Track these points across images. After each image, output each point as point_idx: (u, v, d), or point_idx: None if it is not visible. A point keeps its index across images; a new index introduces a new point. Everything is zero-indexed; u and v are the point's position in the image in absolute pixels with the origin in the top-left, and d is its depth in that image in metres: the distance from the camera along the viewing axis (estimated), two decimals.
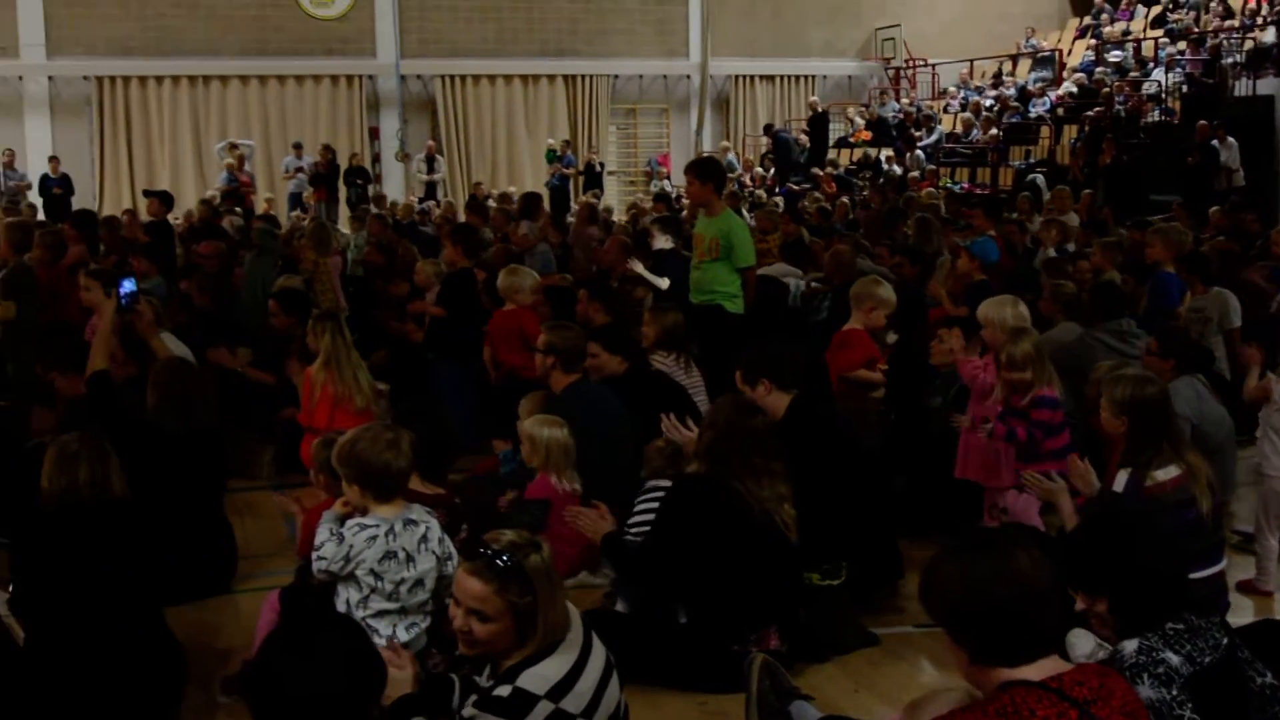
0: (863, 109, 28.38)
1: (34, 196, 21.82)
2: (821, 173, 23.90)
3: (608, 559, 5.64)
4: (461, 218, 16.91)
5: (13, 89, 25.40)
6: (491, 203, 18.15)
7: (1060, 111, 23.27)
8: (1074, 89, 23.62)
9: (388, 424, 4.63)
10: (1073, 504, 5.17)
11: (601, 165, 26.67)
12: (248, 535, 6.97)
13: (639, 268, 9.99)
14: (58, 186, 22.62)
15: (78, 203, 21.84)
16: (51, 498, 5.03)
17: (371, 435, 4.47)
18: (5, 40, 25.11)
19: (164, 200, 14.21)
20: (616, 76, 28.91)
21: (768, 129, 27.30)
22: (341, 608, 4.40)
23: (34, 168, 23.87)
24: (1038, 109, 23.77)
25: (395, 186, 27.15)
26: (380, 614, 4.37)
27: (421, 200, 23.13)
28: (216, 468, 6.56)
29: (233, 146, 23.41)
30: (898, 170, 23.09)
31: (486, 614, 3.45)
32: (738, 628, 4.99)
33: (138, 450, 5.80)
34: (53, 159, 23.52)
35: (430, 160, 25.71)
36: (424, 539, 4.45)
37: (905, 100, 28.23)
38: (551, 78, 28.48)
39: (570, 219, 16.24)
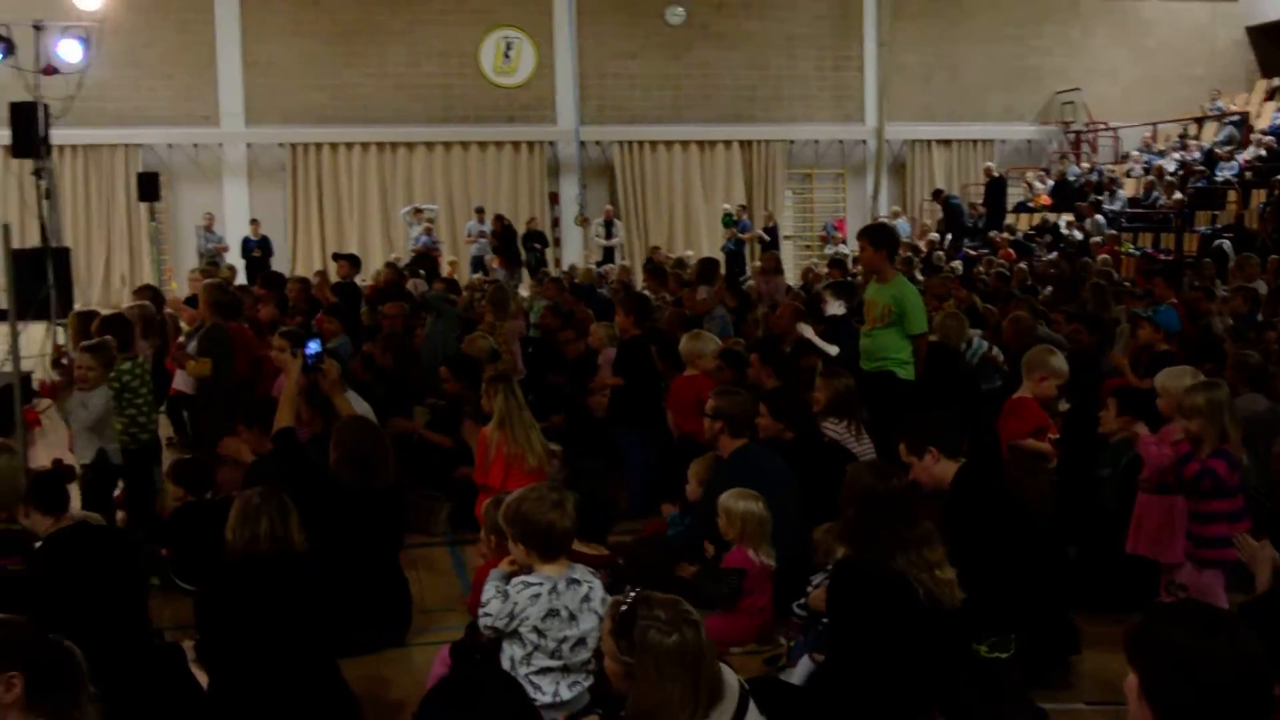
0: (1042, 173, 27.98)
1: (234, 258, 22.80)
2: (999, 237, 23.60)
3: None
4: (638, 281, 17.13)
5: (214, 155, 26.62)
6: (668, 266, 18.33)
7: (1248, 175, 22.60)
8: (1262, 152, 22.94)
9: (554, 485, 4.73)
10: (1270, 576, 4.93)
11: (773, 229, 26.68)
12: (423, 590, 7.13)
13: (810, 333, 10.00)
14: (258, 248, 23.63)
15: (274, 264, 22.72)
16: (235, 550, 5.24)
17: (537, 495, 4.58)
18: (207, 110, 26.36)
19: (352, 263, 14.77)
20: (793, 141, 29.02)
21: (937, 194, 27.09)
22: (506, 664, 4.50)
23: (231, 231, 25.00)
24: (1224, 173, 23.13)
25: (574, 250, 27.65)
26: (543, 671, 4.45)
27: (599, 264, 23.48)
28: (395, 523, 6.75)
29: (418, 211, 24.15)
30: (1078, 235, 22.67)
31: (606, 650, 3.55)
32: (903, 710, 4.90)
33: (319, 505, 6.00)
34: (254, 222, 24.62)
35: (608, 224, 26.10)
36: (586, 598, 4.52)
37: (1086, 164, 27.73)
38: (728, 143, 28.73)
39: (754, 266, 16.23)
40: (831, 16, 28.98)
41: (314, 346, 7.20)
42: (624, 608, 3.49)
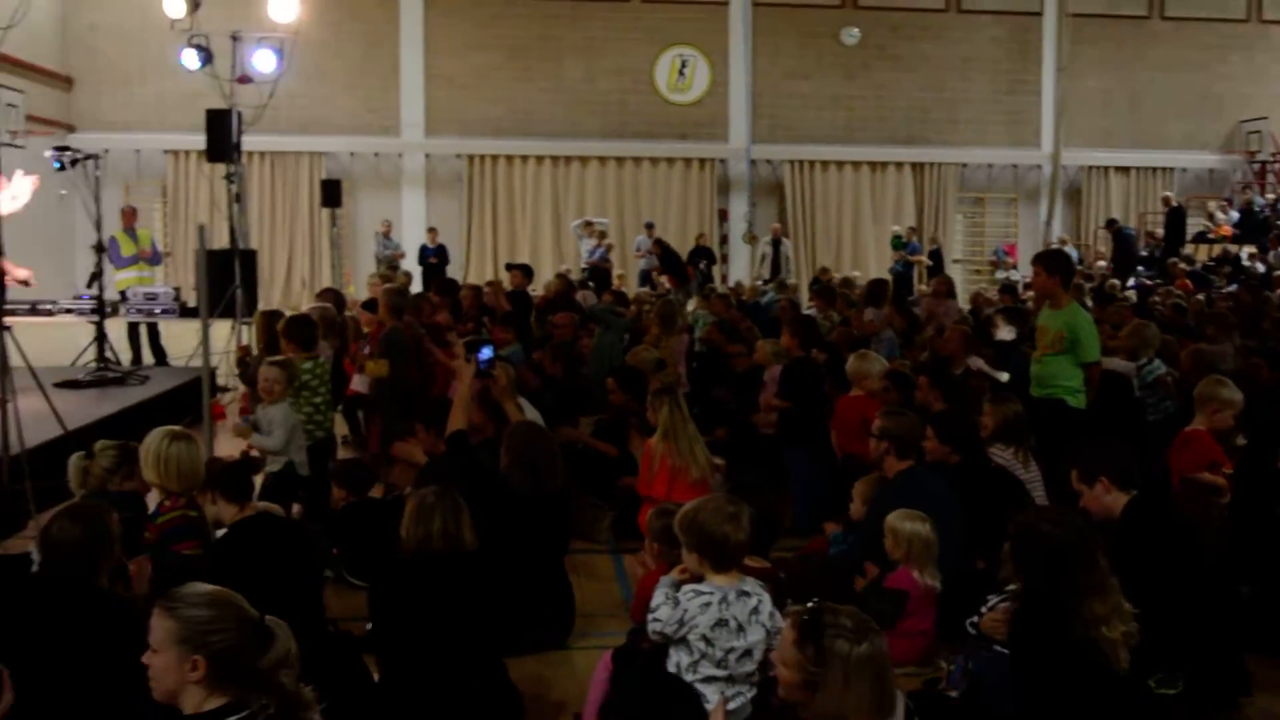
0: (1224, 203, 27.19)
1: (409, 264, 23.40)
2: (1176, 267, 23.00)
3: None
4: (804, 300, 17.11)
5: (393, 165, 27.34)
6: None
7: None
8: None
9: (730, 496, 4.80)
10: None
11: (937, 252, 26.38)
12: (584, 596, 7.25)
13: (979, 364, 9.93)
14: (434, 256, 24.24)
15: (448, 272, 23.26)
16: (408, 546, 5.42)
17: (714, 506, 4.65)
18: (389, 120, 27.10)
19: (525, 272, 15.07)
20: (965, 165, 28.71)
21: (1110, 224, 26.49)
22: (671, 670, 4.58)
23: (408, 238, 25.69)
24: None
25: (741, 267, 27.74)
26: (709, 680, 4.52)
27: (765, 282, 23.50)
28: (561, 528, 6.89)
29: (588, 224, 24.48)
30: (1260, 268, 21.98)
31: (786, 660, 3.55)
32: None
33: (489, 507, 6.16)
34: (431, 230, 25.26)
35: (776, 243, 26.11)
36: (755, 611, 4.58)
37: (1270, 195, 26.88)
38: (899, 165, 28.54)
39: (921, 289, 16.15)
40: (1009, 39, 28.62)
41: (487, 352, 7.38)
42: (807, 617, 3.53)
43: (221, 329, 13.52)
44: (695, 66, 28.01)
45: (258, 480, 7.17)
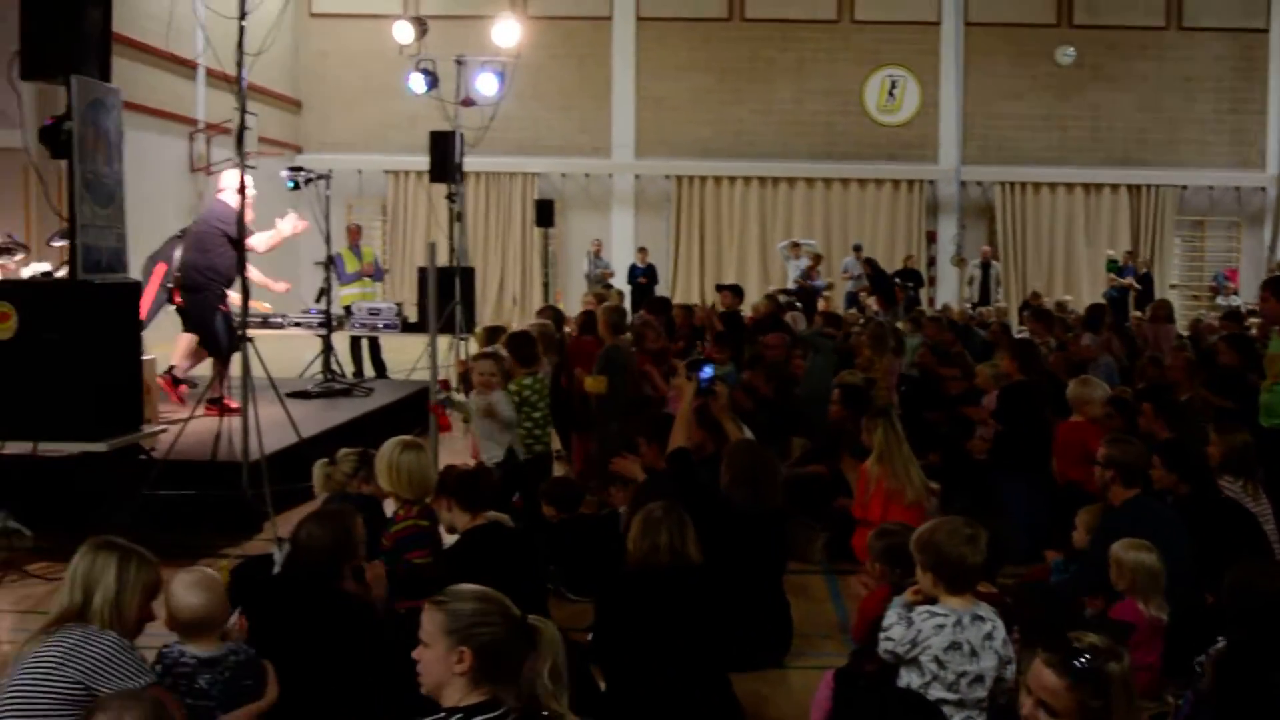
0: None
1: (618, 284, 23.74)
2: None
3: None
4: (1013, 323, 16.83)
5: (604, 185, 27.82)
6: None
7: None
8: None
9: (967, 519, 4.79)
10: None
11: (1147, 276, 25.57)
12: (799, 616, 7.26)
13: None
14: (643, 276, 24.55)
15: (656, 292, 23.54)
16: (635, 559, 5.55)
17: (951, 528, 4.65)
18: (600, 141, 27.59)
19: (736, 293, 15.19)
20: (1185, 187, 27.83)
21: None
22: None
23: (617, 257, 26.09)
24: None
25: (949, 290, 27.39)
26: (939, 703, 4.51)
27: (974, 305, 23.18)
28: (780, 547, 6.95)
29: (795, 245, 24.48)
30: None
31: (1055, 709, 3.47)
32: None
33: (710, 523, 6.25)
34: (641, 249, 25.62)
35: (985, 266, 25.71)
36: (989, 636, 4.55)
37: None
38: (1115, 187, 27.84)
39: (1135, 315, 15.77)
40: (1232, 57, 27.67)
41: (708, 371, 7.50)
42: (1080, 661, 3.45)
43: (440, 344, 13.90)
44: (905, 87, 27.82)
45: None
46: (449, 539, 6.17)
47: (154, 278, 12.68)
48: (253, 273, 10.65)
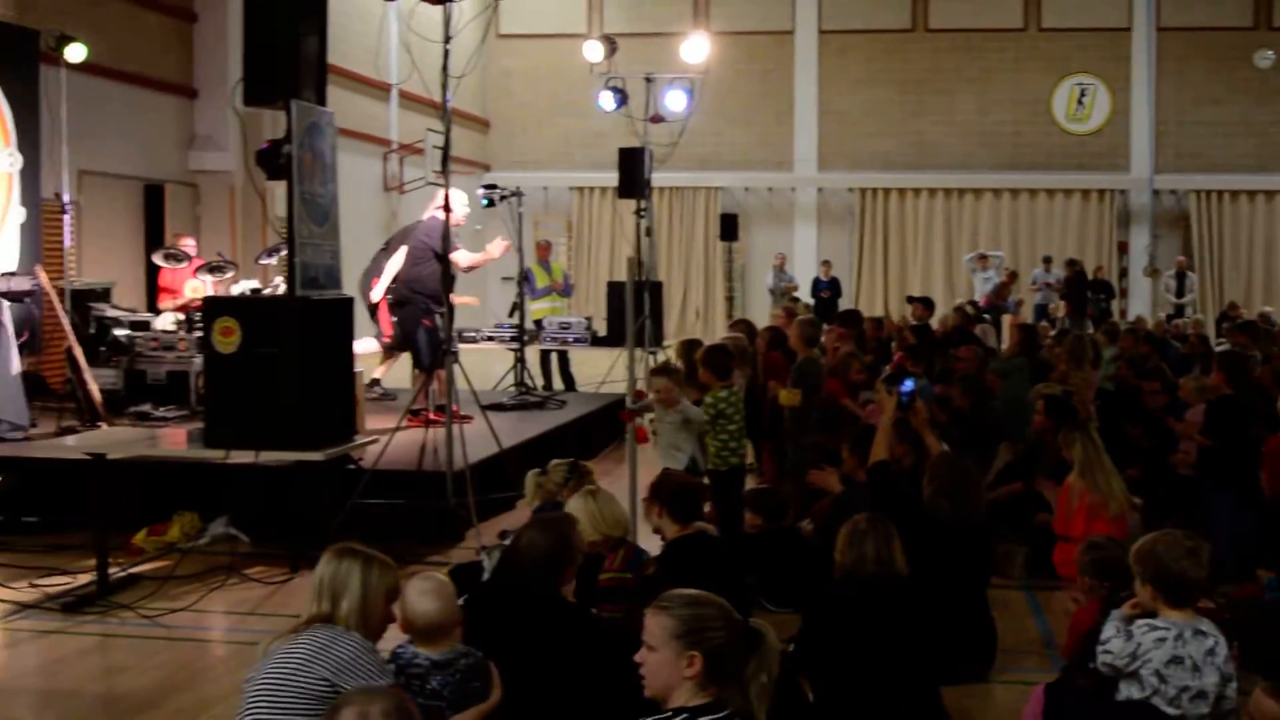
0: None
1: (801, 297, 23.70)
2: None
3: None
4: (1210, 335, 16.34)
5: (786, 199, 27.85)
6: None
7: None
8: None
9: (1189, 533, 4.72)
10: None
11: None
12: (1002, 630, 7.19)
13: None
14: (827, 289, 24.51)
15: (840, 306, 23.47)
16: (842, 569, 5.58)
17: (1172, 540, 4.59)
18: (782, 155, 27.64)
19: (926, 305, 15.09)
20: None
21: None
22: None
23: (800, 271, 26.05)
24: None
25: (1141, 302, 26.73)
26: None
27: (1169, 318, 22.57)
28: (983, 560, 6.90)
29: (982, 257, 24.15)
30: None
31: None
32: None
33: (913, 536, 6.24)
34: (825, 263, 25.60)
35: (1180, 277, 24.98)
36: (1211, 652, 4.47)
37: None
38: None
39: None
40: None
41: (909, 384, 7.47)
42: None
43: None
44: (1095, 95, 27.27)
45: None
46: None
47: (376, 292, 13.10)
48: None
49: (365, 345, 13.21)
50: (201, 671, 6.46)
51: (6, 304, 10.60)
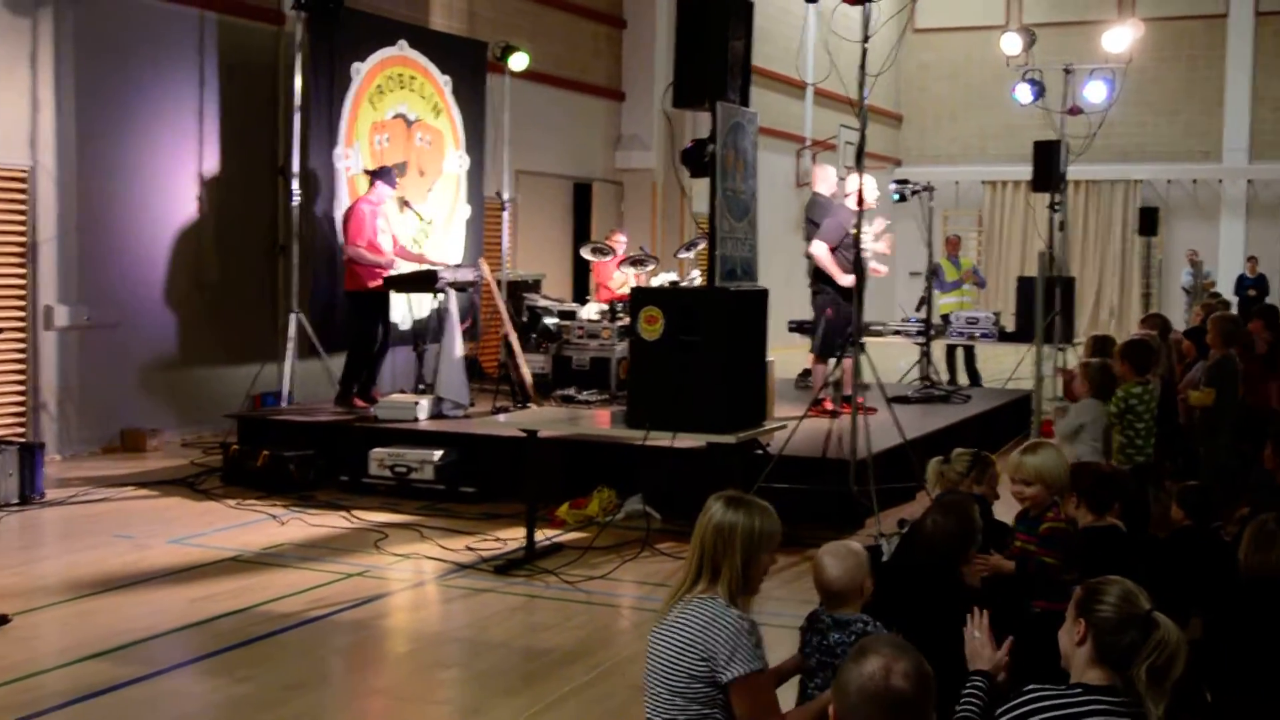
0: None
1: (1224, 294, 22.62)
2: None
3: None
4: None
5: (1211, 191, 26.51)
6: None
7: None
8: None
9: None
10: None
11: None
12: None
13: None
14: (1253, 287, 23.24)
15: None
16: (1246, 571, 5.49)
17: None
18: (1208, 146, 26.33)
19: None
20: None
21: None
22: None
23: (1224, 267, 24.85)
24: None
25: None
26: None
27: None
28: None
29: None
30: None
31: None
32: None
33: None
34: (1250, 259, 24.25)
35: None
36: None
37: None
38: None
39: None
40: None
41: None
42: None
43: (1044, 354, 13.92)
44: None
45: None
46: None
47: None
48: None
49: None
50: (615, 635, 6.97)
51: (454, 293, 11.59)
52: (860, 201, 10.01)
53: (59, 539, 8.94)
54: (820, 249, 11.57)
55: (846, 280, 11.11)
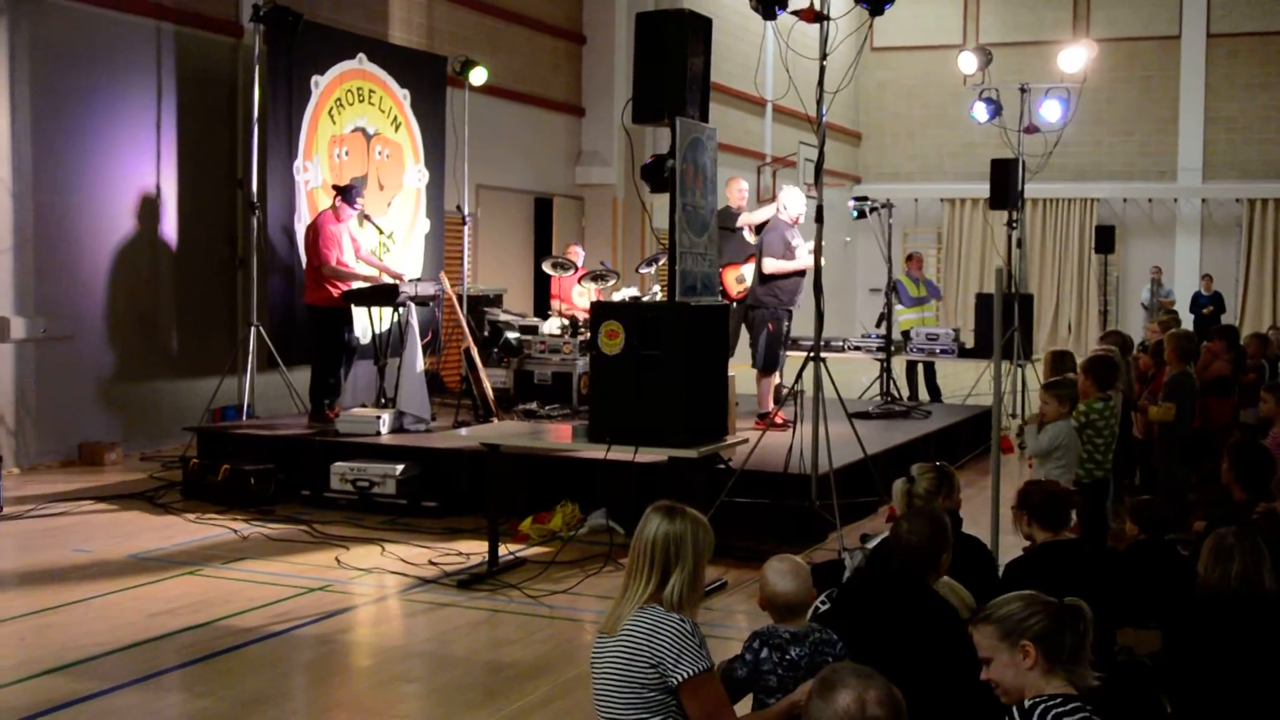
0: None
1: (1179, 311, 22.86)
2: None
3: None
4: None
5: (1167, 210, 26.81)
6: None
7: None
8: None
9: None
10: None
11: None
12: None
13: None
14: (1208, 305, 23.49)
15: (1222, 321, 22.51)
16: (1205, 585, 5.52)
17: None
18: (1164, 165, 26.64)
19: None
20: None
21: None
22: None
23: (1179, 285, 25.10)
24: None
25: None
26: None
27: None
28: None
29: None
30: None
31: None
32: None
33: None
34: (1205, 277, 24.53)
35: None
36: None
37: None
38: None
39: None
40: None
41: None
42: None
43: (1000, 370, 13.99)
44: None
45: None
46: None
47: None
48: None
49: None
50: (578, 649, 6.91)
51: (415, 307, 11.57)
52: (820, 222, 10.07)
53: (16, 552, 8.86)
54: (773, 264, 11.81)
55: (807, 260, 11.33)
